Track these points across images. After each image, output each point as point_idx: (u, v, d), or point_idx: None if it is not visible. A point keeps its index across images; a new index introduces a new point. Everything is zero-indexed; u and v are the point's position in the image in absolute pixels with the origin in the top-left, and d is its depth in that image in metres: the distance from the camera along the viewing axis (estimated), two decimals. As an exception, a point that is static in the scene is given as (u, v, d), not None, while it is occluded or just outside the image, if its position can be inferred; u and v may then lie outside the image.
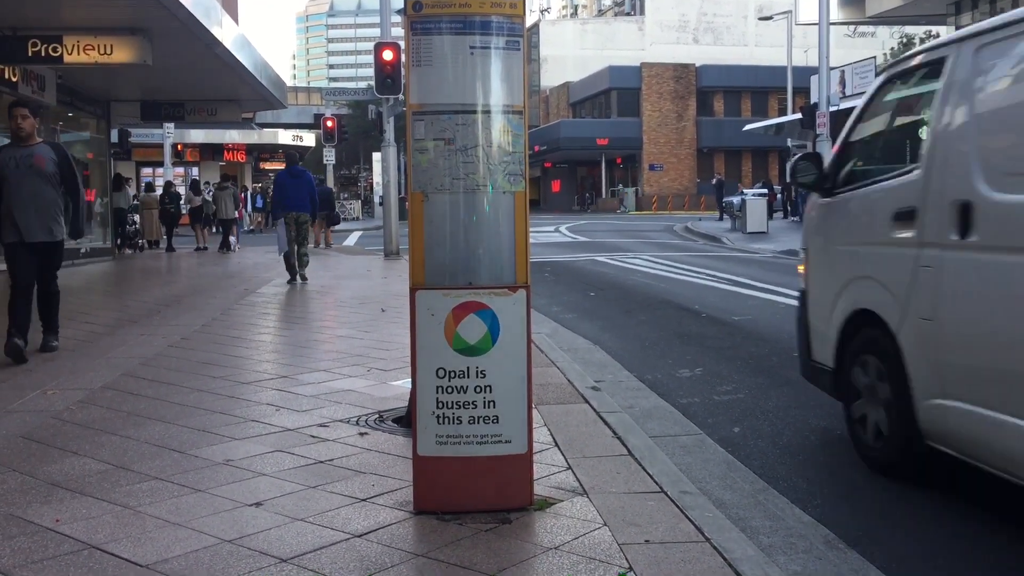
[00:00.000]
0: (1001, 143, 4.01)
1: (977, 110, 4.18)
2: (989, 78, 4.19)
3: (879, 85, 5.35)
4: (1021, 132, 3.90)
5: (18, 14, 13.52)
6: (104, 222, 22.09)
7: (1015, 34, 4.00)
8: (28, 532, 3.67)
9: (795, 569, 3.55)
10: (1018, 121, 3.94)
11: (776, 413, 6.13)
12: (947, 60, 4.51)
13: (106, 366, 7.17)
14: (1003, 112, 4.04)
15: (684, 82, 56.58)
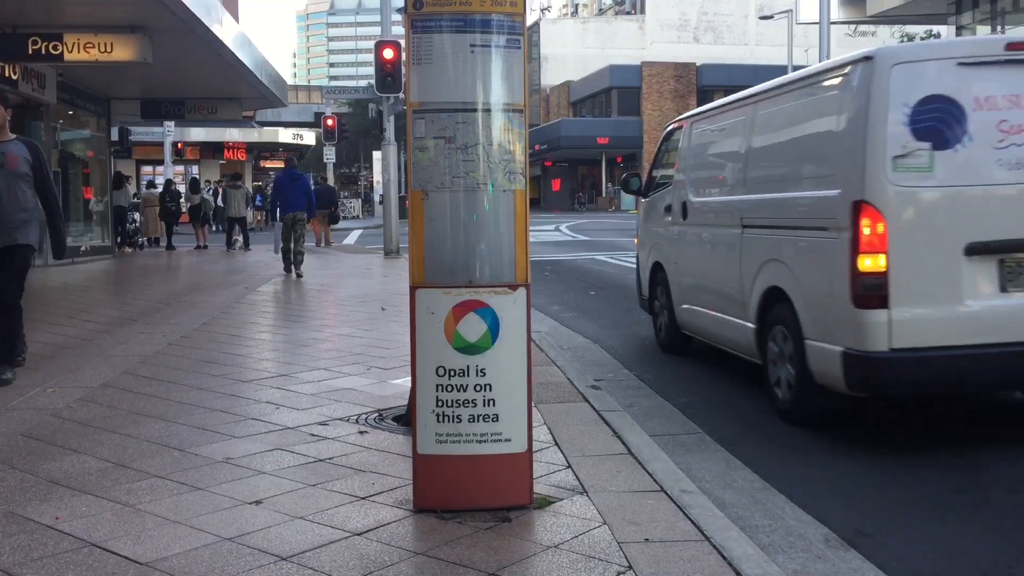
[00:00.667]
0: (698, 174, 7.89)
1: (690, 157, 8.00)
2: (694, 140, 7.98)
3: (663, 137, 9.01)
4: (703, 170, 7.83)
5: (19, 12, 13.51)
6: (104, 220, 22.09)
7: (706, 118, 7.82)
8: (28, 530, 3.67)
9: (794, 568, 3.55)
10: (702, 164, 7.83)
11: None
12: (683, 128, 8.30)
13: (106, 364, 7.17)
14: (698, 159, 7.89)
15: (685, 81, 56.56)
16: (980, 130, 5.12)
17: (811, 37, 34.64)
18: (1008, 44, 5.26)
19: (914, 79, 5.16)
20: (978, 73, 5.20)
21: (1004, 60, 5.23)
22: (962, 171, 5.13)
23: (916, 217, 5.14)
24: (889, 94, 5.11)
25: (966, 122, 5.11)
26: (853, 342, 5.14)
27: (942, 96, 5.11)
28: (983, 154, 5.14)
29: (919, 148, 5.09)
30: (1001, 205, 5.18)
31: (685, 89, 56.80)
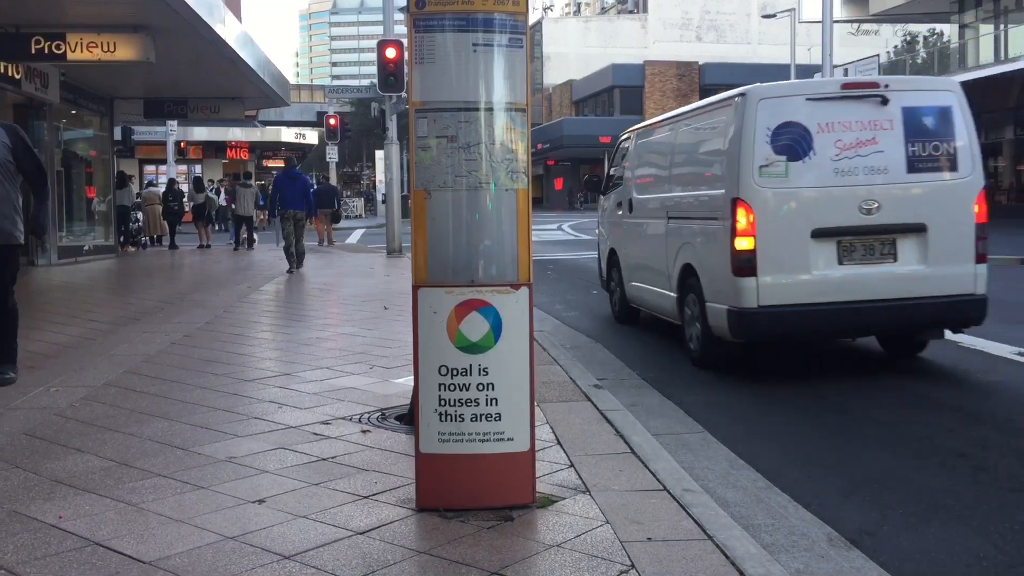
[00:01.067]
0: (640, 176, 9.56)
1: (634, 162, 9.77)
2: (637, 149, 9.77)
3: (617, 144, 10.77)
4: (643, 173, 9.46)
5: (22, 11, 13.53)
6: (107, 220, 22.11)
7: (646, 131, 9.60)
8: (31, 529, 3.68)
9: (797, 567, 3.55)
10: (642, 168, 9.53)
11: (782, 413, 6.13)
12: (631, 137, 10.14)
13: (109, 363, 7.18)
14: (640, 164, 9.58)
15: (687, 80, 56.52)
16: (822, 147, 6.90)
17: (814, 36, 34.63)
18: (843, 84, 7.24)
19: (775, 110, 6.96)
20: (821, 106, 7.01)
21: (840, 96, 7.08)
22: (809, 177, 6.92)
23: (775, 210, 6.92)
24: (756, 121, 6.92)
25: (812, 141, 6.90)
26: (734, 302, 6.96)
27: (795, 123, 6.93)
28: (824, 164, 6.89)
29: (778, 160, 6.90)
30: (837, 201, 6.92)
31: (688, 88, 56.76)
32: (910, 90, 7.30)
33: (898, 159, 6.96)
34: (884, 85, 7.13)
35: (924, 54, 46.18)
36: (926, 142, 7.03)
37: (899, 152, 6.96)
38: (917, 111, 7.10)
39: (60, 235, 18.48)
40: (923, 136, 7.03)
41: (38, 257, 17.24)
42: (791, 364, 7.89)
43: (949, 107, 7.15)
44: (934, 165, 7.04)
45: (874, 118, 6.97)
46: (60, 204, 18.60)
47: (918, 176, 7.01)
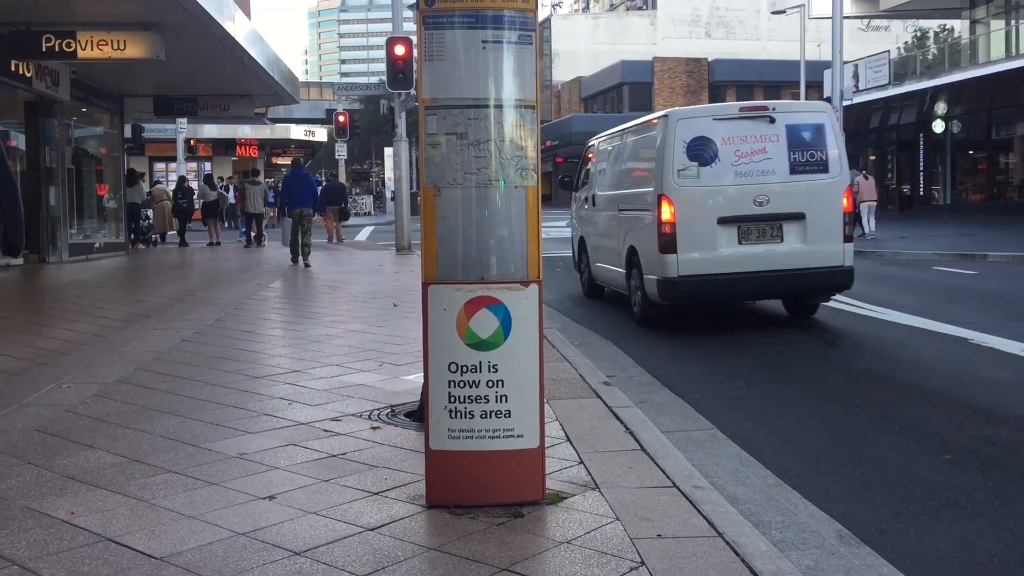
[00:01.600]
0: (600, 176, 11.55)
1: (598, 163, 11.74)
2: (599, 153, 11.79)
3: (586, 148, 12.66)
4: (603, 173, 11.44)
5: (32, 9, 13.58)
6: (117, 217, 22.19)
7: (606, 139, 11.61)
8: (44, 524, 3.70)
9: (807, 564, 3.55)
10: (602, 169, 11.51)
11: (790, 407, 6.12)
12: (595, 143, 12.09)
13: (120, 360, 7.21)
14: (601, 166, 11.55)
15: (696, 76, 56.36)
16: (725, 155, 8.99)
17: (824, 32, 34.47)
18: (740, 107, 9.48)
19: (689, 127, 9.06)
20: (724, 124, 9.11)
21: (739, 117, 9.19)
22: (715, 178, 9.00)
23: (690, 203, 8.99)
24: (675, 136, 9.01)
25: (717, 151, 9.00)
26: (661, 273, 9.07)
27: (705, 137, 9.02)
28: (726, 168, 9.00)
29: (691, 165, 8.98)
30: (736, 196, 8.99)
31: (697, 84, 56.62)
32: (792, 111, 9.46)
33: (783, 164, 9.05)
34: (772, 108, 9.27)
35: (935, 50, 45.97)
36: (804, 151, 9.13)
37: (783, 158, 9.05)
38: (797, 127, 9.16)
39: (71, 232, 18.55)
40: (802, 146, 9.13)
41: (49, 255, 17.31)
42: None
43: (822, 124, 9.28)
44: (811, 168, 9.12)
45: (764, 133, 9.07)
46: (71, 202, 18.68)
47: (798, 177, 9.08)
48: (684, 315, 9.81)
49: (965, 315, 9.80)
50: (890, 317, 9.87)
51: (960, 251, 17.41)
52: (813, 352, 8.19)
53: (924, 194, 33.88)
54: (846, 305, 10.69)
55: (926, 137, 33.16)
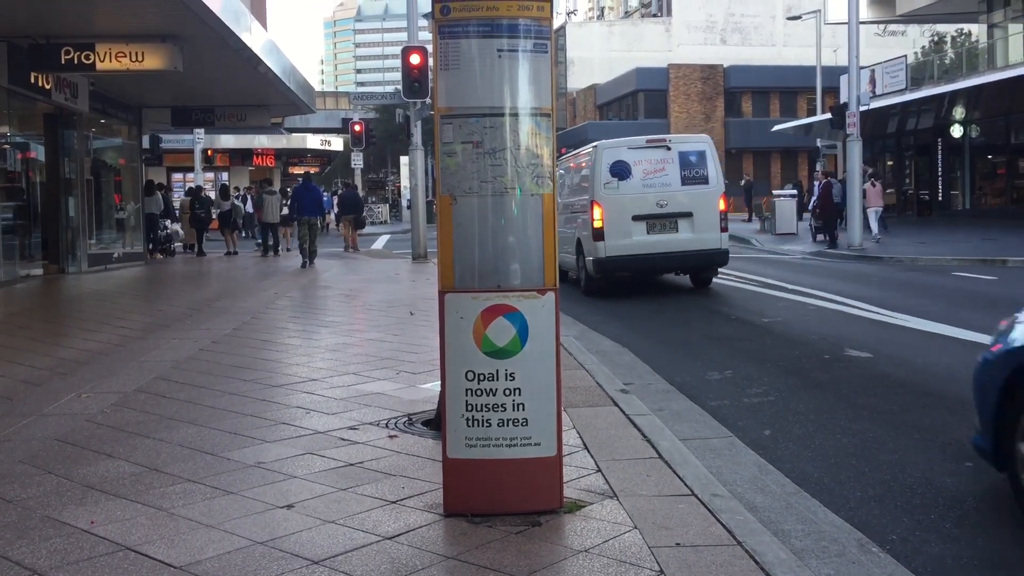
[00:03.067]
0: (563, 186, 15.15)
1: (562, 176, 15.12)
2: (562, 167, 15.38)
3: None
4: (564, 184, 15.15)
5: (51, 22, 13.72)
6: (136, 227, 22.34)
7: (569, 157, 15.98)
8: (64, 534, 3.72)
9: (828, 573, 3.52)
10: (563, 181, 15.15)
11: (806, 414, 6.09)
12: (561, 162, 15.56)
13: (139, 369, 7.25)
14: (563, 178, 15.12)
15: (712, 83, 56.24)
16: (637, 173, 13.01)
17: (839, 37, 34.33)
18: (647, 140, 13.64)
19: (611, 153, 13.21)
20: (636, 151, 13.26)
21: (646, 146, 13.38)
22: (630, 188, 13.00)
23: (612, 206, 12.97)
24: (602, 159, 13.09)
25: (631, 169, 13.00)
26: (595, 255, 13.07)
27: (622, 160, 13.06)
28: (638, 182, 13.02)
29: (613, 180, 13.00)
30: (644, 201, 13.00)
31: (712, 91, 56.51)
32: (682, 142, 13.84)
33: (676, 178, 13.07)
34: (668, 140, 13.77)
35: (952, 54, 45.70)
36: (691, 169, 13.17)
37: (677, 174, 13.08)
38: (686, 153, 13.31)
39: (90, 243, 18.70)
40: (689, 166, 13.17)
41: (69, 265, 17.45)
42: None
43: (704, 150, 13.41)
44: (696, 181, 13.15)
45: (663, 157, 13.17)
46: (90, 212, 18.83)
47: (688, 187, 13.11)
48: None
49: (985, 321, 9.69)
50: (909, 323, 9.80)
51: (979, 256, 17.28)
52: (831, 358, 8.13)
53: (943, 199, 33.63)
54: (864, 311, 10.63)
55: (944, 142, 32.93)
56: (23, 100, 15.85)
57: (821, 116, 35.72)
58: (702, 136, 15.05)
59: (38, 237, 17.01)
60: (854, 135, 21.95)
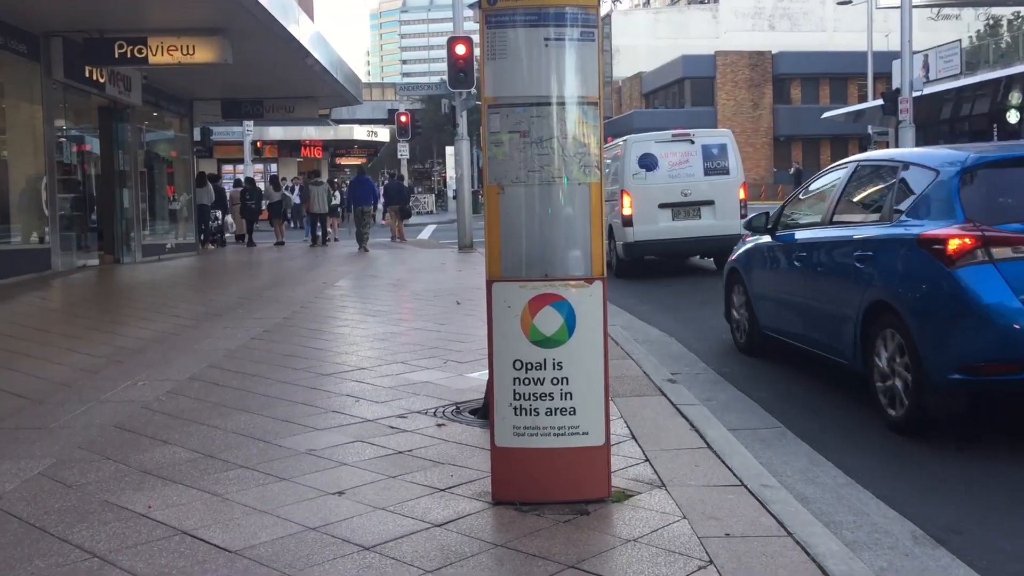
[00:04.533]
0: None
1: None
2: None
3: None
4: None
5: (105, 17, 13.98)
6: (188, 218, 22.73)
7: (606, 148, 13.19)
8: (122, 518, 3.81)
9: (881, 565, 3.48)
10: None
11: (835, 402, 6.01)
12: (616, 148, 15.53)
13: (193, 358, 7.38)
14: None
15: (760, 70, 55.52)
16: (663, 164, 14.07)
17: (892, 22, 33.69)
18: (673, 134, 14.53)
19: (640, 146, 14.29)
20: (662, 144, 14.29)
21: (672, 140, 14.38)
22: (657, 178, 14.05)
23: (640, 194, 13.97)
24: (631, 152, 14.20)
25: (658, 161, 14.05)
26: (624, 239, 14.05)
27: (650, 153, 14.12)
28: (664, 172, 14.07)
29: (641, 171, 14.05)
30: (670, 190, 14.00)
31: (760, 78, 55.80)
32: (706, 136, 14.76)
33: (700, 169, 14.11)
34: (692, 134, 14.49)
35: (1008, 38, 44.54)
36: (713, 160, 14.20)
37: (700, 166, 14.12)
38: (709, 146, 14.33)
39: (144, 233, 19.07)
40: (711, 158, 14.21)
41: (123, 255, 17.81)
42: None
43: (725, 143, 14.49)
44: (718, 172, 14.18)
45: (687, 150, 14.20)
46: (143, 204, 19.20)
47: (710, 177, 14.13)
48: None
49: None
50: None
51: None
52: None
53: (998, 186, 32.85)
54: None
55: (1000, 127, 32.15)
56: (78, 94, 16.19)
57: (872, 102, 35.11)
58: (724, 130, 16.33)
59: (94, 228, 17.40)
60: (907, 121, 21.54)
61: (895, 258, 5.48)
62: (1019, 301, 4.80)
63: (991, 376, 4.94)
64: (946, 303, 5.02)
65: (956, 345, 4.97)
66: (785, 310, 7.12)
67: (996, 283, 4.86)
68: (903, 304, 5.28)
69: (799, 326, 6.84)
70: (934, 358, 5.01)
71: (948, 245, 5.02)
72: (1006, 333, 4.80)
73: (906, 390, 5.22)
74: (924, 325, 5.13)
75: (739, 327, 8.04)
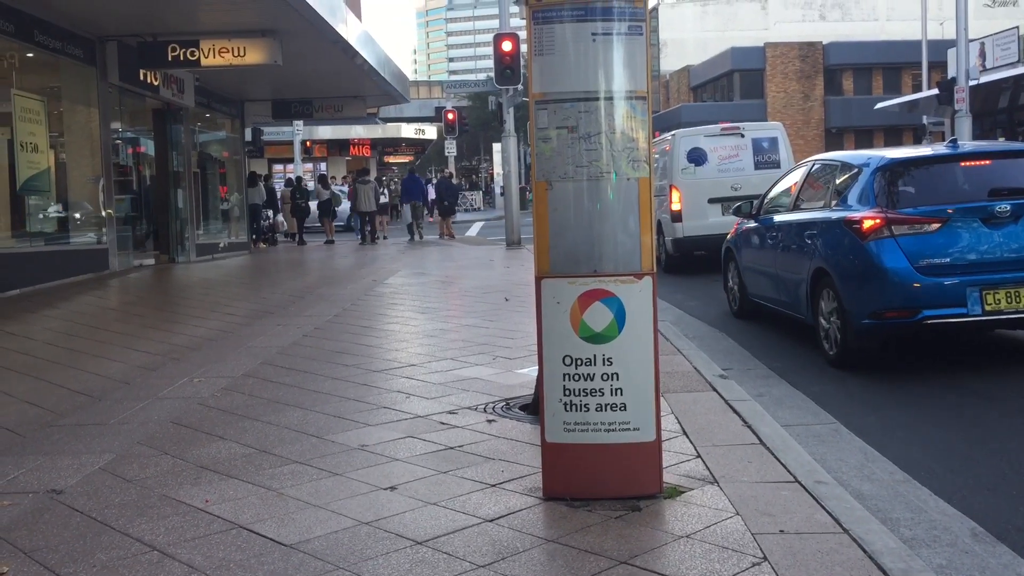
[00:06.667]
0: None
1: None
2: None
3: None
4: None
5: (158, 21, 14.24)
6: (240, 218, 23.06)
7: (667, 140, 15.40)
8: (180, 512, 3.89)
9: (939, 563, 3.41)
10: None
11: (916, 402, 5.90)
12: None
13: (246, 355, 7.50)
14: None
15: (811, 61, 54.67)
16: (712, 159, 14.21)
17: (946, 9, 32.96)
18: (722, 128, 14.67)
19: (688, 141, 14.48)
20: (711, 138, 14.45)
21: (721, 134, 14.49)
22: (706, 173, 14.15)
23: (689, 189, 14.11)
24: (680, 147, 14.36)
25: (707, 156, 14.20)
26: (673, 235, 14.20)
27: (698, 147, 14.28)
28: (713, 167, 14.17)
29: (690, 166, 14.21)
30: (719, 185, 13.93)
31: (811, 69, 54.94)
32: (756, 129, 14.80)
33: (750, 163, 14.17)
34: (742, 127, 14.57)
35: (1070, 23, 43.27)
36: (764, 154, 14.26)
37: (750, 160, 14.20)
38: (760, 139, 14.41)
39: (198, 233, 19.40)
40: (762, 152, 14.28)
41: (178, 255, 18.13)
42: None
43: (776, 136, 14.53)
44: (768, 165, 13.95)
45: (737, 144, 14.28)
46: (197, 204, 19.53)
47: (760, 171, 13.83)
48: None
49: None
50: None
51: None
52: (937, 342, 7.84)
53: (1060, 176, 31.97)
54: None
55: (1061, 116, 31.29)
56: (133, 97, 16.52)
57: (927, 92, 34.37)
58: (775, 123, 16.30)
59: (149, 228, 17.75)
60: (963, 111, 21.06)
61: (830, 235, 7.15)
62: (910, 264, 6.41)
63: (890, 320, 6.53)
64: (861, 267, 6.65)
65: (867, 297, 6.59)
66: (763, 279, 8.74)
67: (895, 252, 6.48)
68: (834, 268, 6.96)
69: (772, 291, 8.49)
70: (853, 308, 6.67)
71: (863, 224, 6.67)
72: (901, 288, 6.41)
73: (837, 334, 6.87)
74: (847, 283, 6.79)
75: (733, 296, 9.80)
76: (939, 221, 6.47)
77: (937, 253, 6.40)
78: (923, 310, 6.37)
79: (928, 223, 6.49)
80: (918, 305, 6.38)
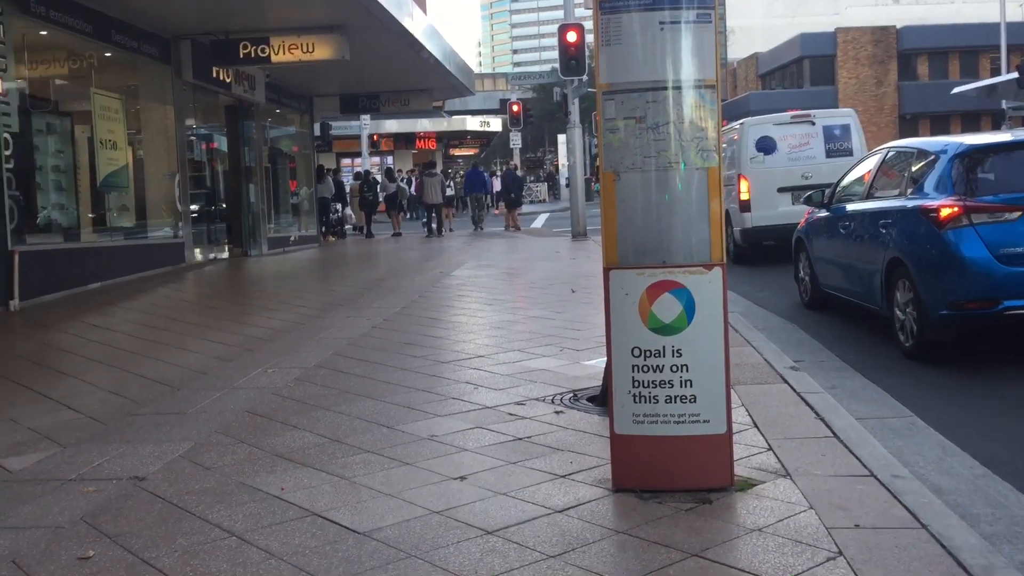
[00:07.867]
0: None
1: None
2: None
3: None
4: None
5: (230, 20, 14.55)
6: (310, 211, 23.44)
7: (735, 129, 14.96)
8: (257, 499, 3.99)
9: (1022, 559, 3.32)
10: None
11: (994, 394, 5.73)
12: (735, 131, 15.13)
13: (318, 346, 7.63)
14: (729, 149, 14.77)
15: (884, 46, 53.29)
16: (782, 148, 13.86)
17: (1028, -12, 31.72)
18: (792, 116, 14.33)
19: (757, 129, 14.15)
20: (781, 126, 14.13)
21: (790, 122, 14.18)
22: (776, 162, 13.84)
23: (758, 179, 13.81)
24: (748, 135, 14.03)
25: (776, 144, 13.85)
26: (742, 225, 13.93)
27: (767, 136, 13.94)
28: (783, 156, 13.85)
29: (759, 155, 13.88)
30: (789, 174, 13.70)
31: (884, 54, 53.56)
32: (827, 116, 14.54)
33: (821, 151, 13.84)
34: (812, 115, 14.24)
35: None
36: (836, 142, 13.92)
37: (821, 148, 13.87)
38: (831, 127, 14.10)
39: (269, 227, 19.79)
40: (834, 140, 13.94)
41: (251, 248, 18.52)
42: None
43: (848, 124, 14.18)
44: (840, 153, 13.63)
45: (807, 131, 14.00)
46: (268, 198, 19.92)
47: (832, 159, 13.51)
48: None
49: None
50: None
51: None
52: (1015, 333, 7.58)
53: None
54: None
55: None
56: (206, 94, 16.91)
57: (1006, 76, 33.20)
58: (847, 110, 15.92)
59: (223, 222, 18.17)
60: (1045, 94, 20.31)
61: (906, 224, 7.02)
62: (990, 254, 6.28)
63: (969, 311, 6.40)
64: (938, 256, 6.55)
65: (945, 288, 6.47)
66: (835, 269, 8.66)
67: (974, 241, 6.35)
68: (910, 258, 6.85)
69: (845, 281, 8.40)
70: (930, 299, 6.55)
71: (940, 213, 6.55)
72: (980, 277, 6.29)
73: (913, 325, 6.77)
74: (923, 274, 6.68)
75: (804, 286, 9.70)
76: (1020, 209, 6.34)
77: (1018, 242, 6.26)
78: (1004, 300, 6.24)
79: (1008, 211, 6.35)
80: (998, 295, 6.26)
